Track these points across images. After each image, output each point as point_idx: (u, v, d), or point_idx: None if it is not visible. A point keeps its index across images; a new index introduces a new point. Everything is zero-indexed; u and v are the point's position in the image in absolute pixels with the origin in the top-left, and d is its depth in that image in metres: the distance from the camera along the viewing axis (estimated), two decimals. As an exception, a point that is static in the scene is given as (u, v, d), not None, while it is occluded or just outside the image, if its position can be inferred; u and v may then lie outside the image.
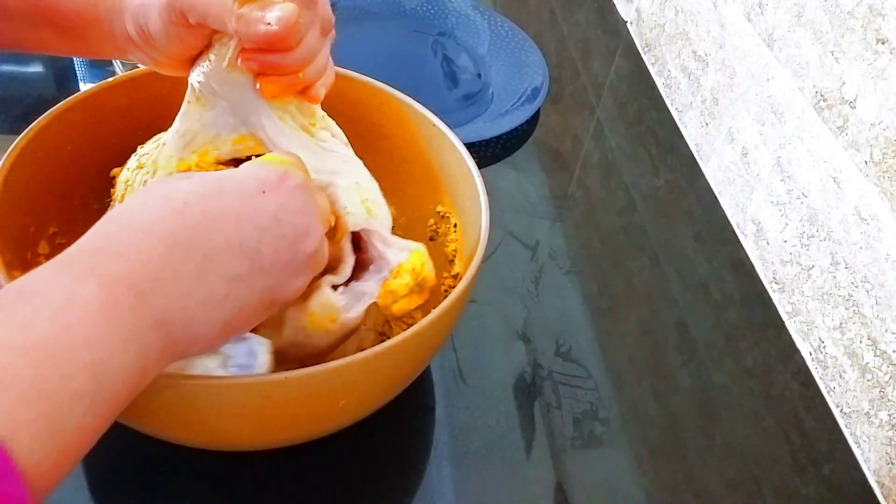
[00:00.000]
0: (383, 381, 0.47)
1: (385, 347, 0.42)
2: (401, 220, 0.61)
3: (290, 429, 0.46)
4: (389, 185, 0.61)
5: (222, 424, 0.43)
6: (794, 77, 0.67)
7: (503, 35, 0.92)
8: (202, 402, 0.41)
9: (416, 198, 0.61)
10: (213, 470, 0.51)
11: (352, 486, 0.53)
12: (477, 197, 0.53)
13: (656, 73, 0.92)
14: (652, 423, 0.60)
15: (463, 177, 0.55)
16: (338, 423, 0.48)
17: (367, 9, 0.94)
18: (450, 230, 0.58)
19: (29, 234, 0.51)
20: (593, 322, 0.66)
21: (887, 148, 0.57)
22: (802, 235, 0.66)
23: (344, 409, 0.46)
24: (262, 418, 0.43)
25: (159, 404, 0.40)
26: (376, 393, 0.47)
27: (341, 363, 0.41)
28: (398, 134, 0.60)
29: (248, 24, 0.40)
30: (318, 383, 0.42)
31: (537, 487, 0.55)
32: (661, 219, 0.77)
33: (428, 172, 0.59)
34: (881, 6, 0.57)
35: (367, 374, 0.44)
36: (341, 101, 0.60)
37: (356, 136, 0.61)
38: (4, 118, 0.73)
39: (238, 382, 0.40)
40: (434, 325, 0.45)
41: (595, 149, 0.84)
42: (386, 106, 0.59)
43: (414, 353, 0.47)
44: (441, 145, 0.57)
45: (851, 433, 0.61)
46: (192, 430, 0.45)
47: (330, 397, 0.44)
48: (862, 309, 0.59)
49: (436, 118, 0.57)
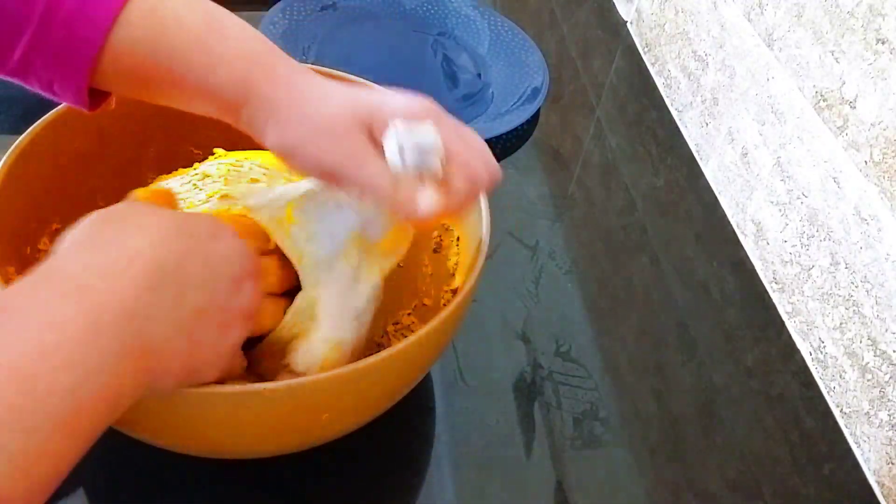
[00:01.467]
0: (366, 397, 0.46)
1: (365, 365, 0.42)
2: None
3: (272, 441, 0.46)
4: None
5: (209, 433, 0.43)
6: (794, 77, 0.67)
7: (503, 35, 0.92)
8: (182, 410, 0.41)
9: None
10: (211, 473, 0.51)
11: (351, 487, 0.53)
12: (479, 212, 0.52)
13: (656, 73, 0.92)
14: (652, 423, 0.60)
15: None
16: (321, 436, 0.48)
17: (367, 9, 0.94)
18: (452, 243, 0.57)
19: (30, 229, 0.51)
20: (593, 322, 0.66)
21: (887, 148, 0.57)
22: (802, 235, 0.66)
23: (327, 423, 0.45)
24: (241, 429, 0.43)
25: (143, 410, 0.40)
26: (360, 408, 0.47)
27: (322, 377, 0.41)
28: None
29: (399, 206, 0.40)
30: (299, 396, 0.41)
31: (537, 487, 0.55)
32: (661, 219, 0.77)
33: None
34: (881, 6, 0.57)
35: (346, 391, 0.43)
36: None
37: None
38: (4, 118, 0.73)
39: (215, 392, 0.40)
40: (423, 343, 0.44)
41: (595, 149, 0.84)
42: None
43: (399, 369, 0.46)
44: None
45: (851, 433, 0.61)
46: (179, 437, 0.45)
47: (312, 411, 0.43)
48: (862, 309, 0.59)
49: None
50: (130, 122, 0.58)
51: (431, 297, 0.58)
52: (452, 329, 0.49)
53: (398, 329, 0.58)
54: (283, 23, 0.87)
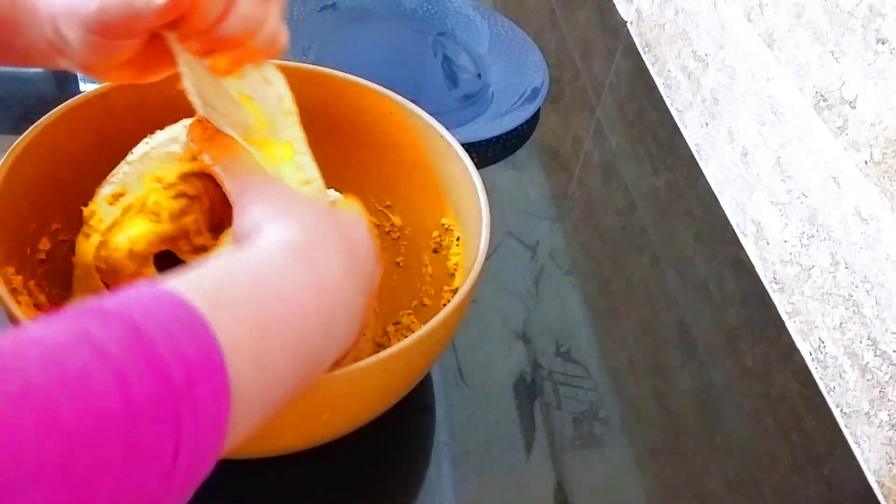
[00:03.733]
0: (366, 397, 0.46)
1: (365, 365, 0.42)
2: (406, 230, 0.61)
3: (272, 441, 0.46)
4: (397, 193, 0.61)
5: None
6: (794, 77, 0.67)
7: (503, 35, 0.92)
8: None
9: (421, 208, 0.60)
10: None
11: (351, 487, 0.53)
12: (479, 213, 0.51)
13: (656, 73, 0.92)
14: (652, 423, 0.60)
15: (468, 191, 0.54)
16: (321, 436, 0.47)
17: (367, 9, 0.94)
18: (453, 243, 0.57)
19: (30, 230, 0.51)
20: (593, 322, 0.66)
21: (887, 148, 0.57)
22: (802, 235, 0.66)
23: (327, 423, 0.45)
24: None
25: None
26: (360, 408, 0.47)
27: (322, 378, 0.41)
28: (406, 143, 0.59)
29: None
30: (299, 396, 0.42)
31: (537, 487, 0.55)
32: (661, 219, 0.77)
33: (434, 184, 0.58)
34: (881, 6, 0.57)
35: (346, 391, 0.43)
36: (350, 108, 0.60)
37: (365, 144, 0.61)
38: (4, 118, 0.73)
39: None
40: (423, 342, 0.44)
41: (595, 149, 0.84)
42: (395, 115, 0.58)
43: (399, 369, 0.46)
44: (448, 157, 0.56)
45: (851, 433, 0.61)
46: None
47: (313, 411, 0.43)
48: (862, 309, 0.59)
49: (444, 129, 0.56)
50: (130, 121, 0.58)
51: (432, 297, 0.58)
52: (452, 329, 0.49)
53: (398, 329, 0.58)
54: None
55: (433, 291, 0.58)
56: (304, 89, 0.60)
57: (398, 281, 0.61)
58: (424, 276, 0.59)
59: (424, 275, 0.59)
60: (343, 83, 0.59)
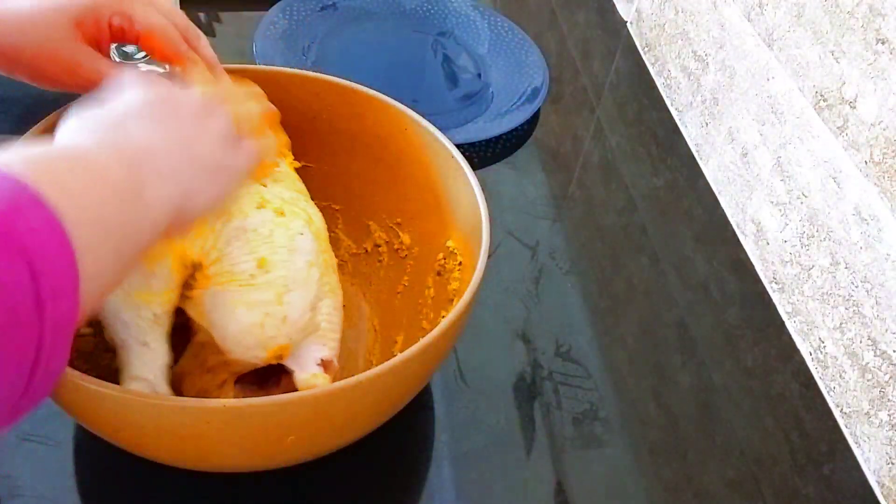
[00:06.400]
0: (335, 422, 0.45)
1: (336, 387, 0.42)
2: (414, 250, 0.61)
3: (236, 457, 0.46)
4: (406, 212, 0.61)
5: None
6: (794, 77, 0.67)
7: (503, 35, 0.92)
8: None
9: (429, 229, 0.59)
10: (209, 473, 0.51)
11: (352, 487, 0.53)
12: (480, 240, 0.51)
13: (656, 73, 0.92)
14: (652, 423, 0.60)
15: (473, 217, 0.53)
16: (286, 458, 0.47)
17: (367, 9, 0.94)
18: (455, 268, 0.56)
19: None
20: (593, 322, 0.66)
21: (887, 148, 0.57)
22: (802, 235, 0.66)
23: (293, 446, 0.44)
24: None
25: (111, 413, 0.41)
26: (329, 432, 0.46)
27: (286, 398, 0.41)
28: (417, 160, 0.59)
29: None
30: (262, 415, 0.41)
31: (537, 487, 0.55)
32: (661, 219, 0.77)
33: (442, 205, 0.58)
34: (881, 6, 0.57)
35: (316, 413, 0.43)
36: (367, 120, 0.59)
37: (378, 159, 0.60)
38: (4, 118, 0.73)
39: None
40: (399, 369, 0.43)
41: (595, 149, 0.84)
42: (409, 131, 0.58)
43: (376, 395, 0.45)
44: (457, 179, 0.55)
45: (851, 433, 0.61)
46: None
47: (277, 431, 0.43)
48: (862, 309, 0.59)
49: (455, 150, 0.56)
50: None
51: (430, 321, 0.57)
52: (445, 346, 0.49)
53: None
54: (282, 23, 0.87)
55: (432, 315, 0.57)
56: (324, 99, 0.60)
57: (402, 302, 0.60)
58: (427, 299, 0.58)
59: (427, 297, 0.58)
60: (363, 97, 0.59)
